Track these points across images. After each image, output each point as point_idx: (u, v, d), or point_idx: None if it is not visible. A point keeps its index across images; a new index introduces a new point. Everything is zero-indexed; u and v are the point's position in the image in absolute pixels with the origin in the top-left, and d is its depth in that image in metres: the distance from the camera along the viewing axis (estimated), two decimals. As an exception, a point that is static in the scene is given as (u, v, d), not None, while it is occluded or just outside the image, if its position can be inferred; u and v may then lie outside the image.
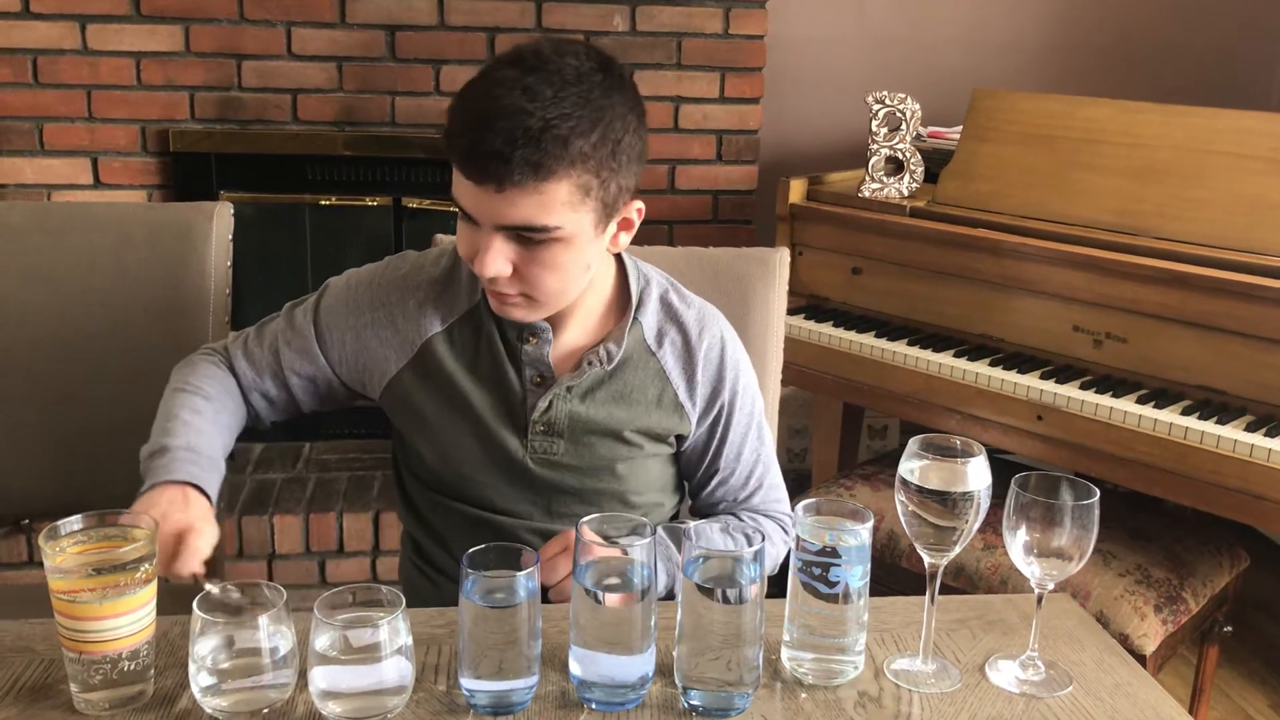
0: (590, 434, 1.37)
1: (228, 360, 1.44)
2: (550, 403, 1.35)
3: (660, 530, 1.27)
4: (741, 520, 1.44)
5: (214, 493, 1.28)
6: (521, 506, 1.39)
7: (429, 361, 1.37)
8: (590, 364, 1.35)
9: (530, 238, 1.20)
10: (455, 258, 1.41)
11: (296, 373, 1.42)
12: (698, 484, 1.48)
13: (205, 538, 1.18)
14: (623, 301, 1.39)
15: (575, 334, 1.37)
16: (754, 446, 1.46)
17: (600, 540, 1.05)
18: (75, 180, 2.70)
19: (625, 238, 1.30)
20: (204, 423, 1.34)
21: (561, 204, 1.18)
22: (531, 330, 1.34)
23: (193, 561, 1.15)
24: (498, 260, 1.20)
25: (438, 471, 1.41)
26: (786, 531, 1.48)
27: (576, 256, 1.24)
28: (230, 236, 1.73)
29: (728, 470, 1.45)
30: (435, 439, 1.39)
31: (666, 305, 1.41)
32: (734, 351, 1.43)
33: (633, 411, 1.37)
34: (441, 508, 1.42)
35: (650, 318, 1.39)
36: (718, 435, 1.43)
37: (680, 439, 1.43)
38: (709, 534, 1.08)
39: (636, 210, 1.29)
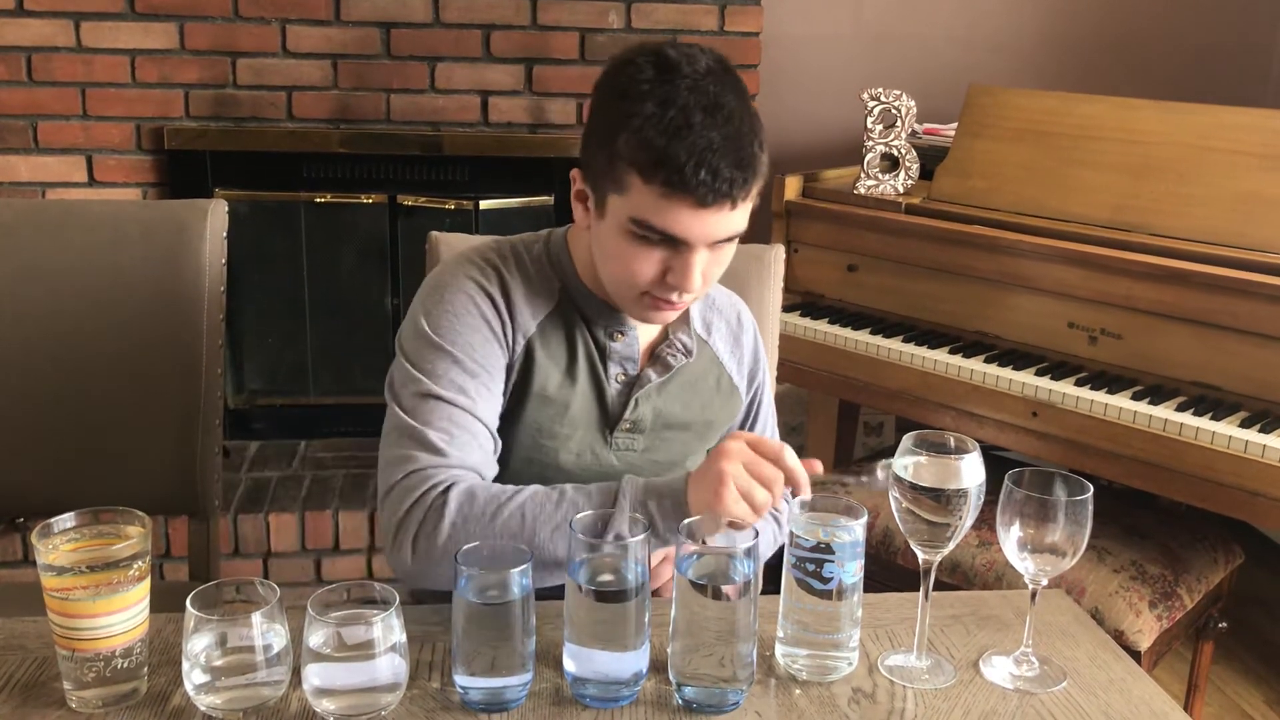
0: (669, 428, 1.38)
1: (467, 470, 1.25)
2: (637, 400, 1.35)
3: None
4: None
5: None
6: None
7: (530, 361, 1.32)
8: (674, 357, 1.36)
9: (723, 244, 1.23)
10: (515, 257, 1.35)
11: (494, 415, 1.30)
12: None
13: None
14: None
15: (646, 329, 1.38)
16: (773, 424, 1.53)
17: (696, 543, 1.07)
18: (70, 178, 2.70)
19: None
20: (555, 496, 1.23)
21: (752, 203, 1.24)
22: (620, 328, 1.34)
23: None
24: (699, 274, 1.23)
25: (506, 472, 1.33)
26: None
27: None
28: (225, 234, 1.73)
29: None
30: (520, 439, 1.33)
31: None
32: (759, 333, 1.51)
33: (702, 401, 1.40)
34: None
35: (695, 306, 1.42)
36: (753, 414, 1.50)
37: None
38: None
39: None
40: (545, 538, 1.18)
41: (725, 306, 1.47)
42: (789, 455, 1.16)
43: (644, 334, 1.38)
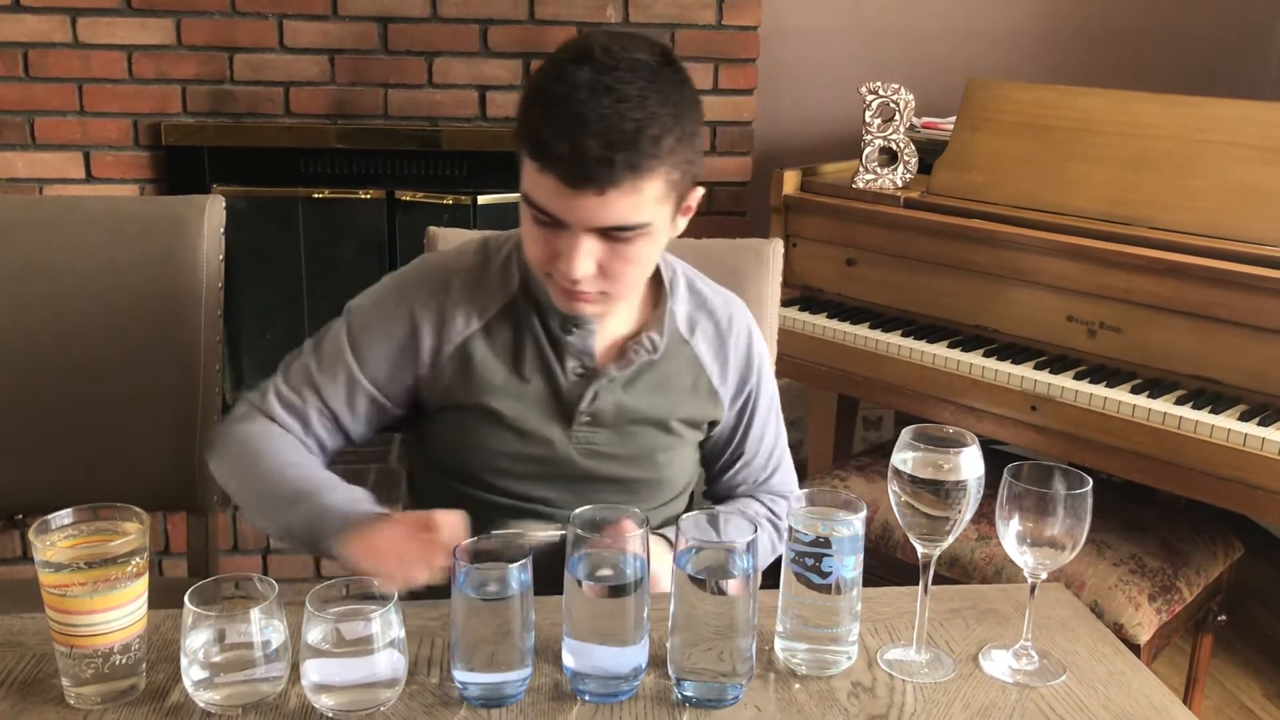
0: (634, 424, 1.37)
1: (270, 419, 1.36)
2: (596, 394, 1.35)
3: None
4: (761, 502, 1.49)
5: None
6: (559, 495, 1.38)
7: (469, 358, 1.34)
8: (636, 353, 1.35)
9: (619, 236, 1.21)
10: (481, 253, 1.39)
11: (343, 400, 1.36)
12: (721, 468, 1.50)
13: (447, 516, 1.15)
14: (654, 290, 1.40)
15: (614, 324, 1.37)
16: (774, 431, 1.51)
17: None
18: (67, 174, 2.69)
19: (684, 222, 1.32)
20: (319, 471, 1.32)
21: (653, 200, 1.20)
22: (575, 321, 1.34)
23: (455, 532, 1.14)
24: (586, 261, 1.21)
25: (471, 465, 1.37)
26: None
27: (655, 248, 1.27)
28: (223, 230, 1.72)
29: (751, 454, 1.48)
30: (475, 433, 1.36)
31: (695, 293, 1.43)
32: (758, 338, 1.47)
33: (673, 399, 1.39)
34: (471, 501, 1.36)
35: (681, 306, 1.41)
36: (745, 421, 1.47)
37: (712, 425, 1.45)
38: (738, 521, 1.09)
39: (697, 196, 1.30)
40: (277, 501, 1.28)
41: (718, 309, 1.43)
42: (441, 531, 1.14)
43: (611, 328, 1.37)
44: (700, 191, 1.30)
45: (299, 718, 1.01)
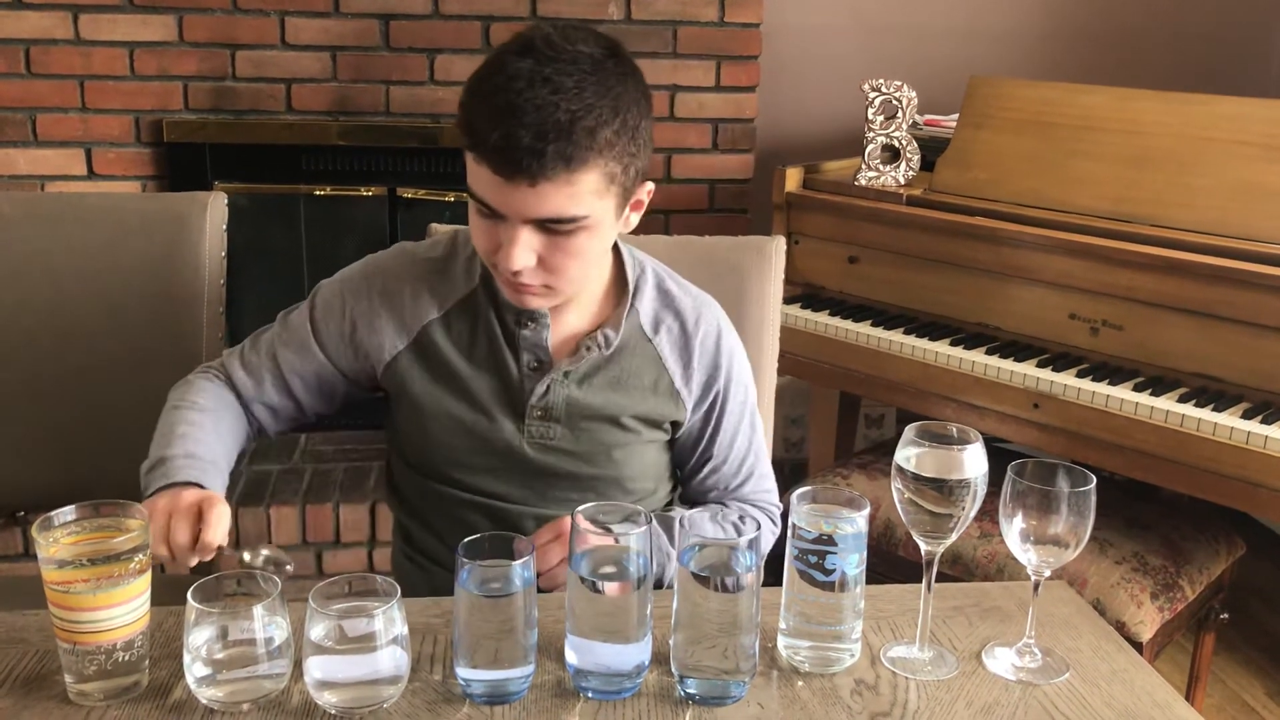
0: (587, 419, 1.37)
1: (225, 375, 1.43)
2: (548, 388, 1.35)
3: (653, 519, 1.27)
4: (730, 510, 1.44)
5: (218, 491, 1.27)
6: (517, 491, 1.39)
7: (427, 347, 1.37)
8: (588, 349, 1.35)
9: (557, 228, 1.20)
10: (450, 245, 1.41)
11: (297, 372, 1.42)
12: (690, 471, 1.48)
13: (220, 508, 1.17)
14: (619, 288, 1.39)
15: (573, 319, 1.37)
16: (746, 436, 1.47)
17: (595, 529, 1.05)
18: (69, 171, 2.69)
19: (635, 218, 1.32)
20: (202, 433, 1.33)
21: (590, 193, 1.19)
22: (530, 315, 1.34)
23: (217, 531, 1.15)
24: (525, 253, 1.21)
25: (432, 458, 1.41)
26: (774, 522, 1.49)
27: (599, 242, 1.26)
28: (225, 227, 1.72)
29: (720, 459, 1.46)
30: (431, 425, 1.38)
31: (663, 293, 1.41)
32: (729, 341, 1.43)
33: (630, 397, 1.38)
34: (434, 494, 1.42)
35: (647, 304, 1.40)
36: (712, 423, 1.44)
37: (675, 425, 1.43)
38: (700, 523, 1.08)
39: (647, 191, 1.30)
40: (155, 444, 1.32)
41: (686, 309, 1.41)
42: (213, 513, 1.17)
43: (568, 324, 1.37)
44: (650, 186, 1.29)
45: (302, 715, 1.01)
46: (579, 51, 1.18)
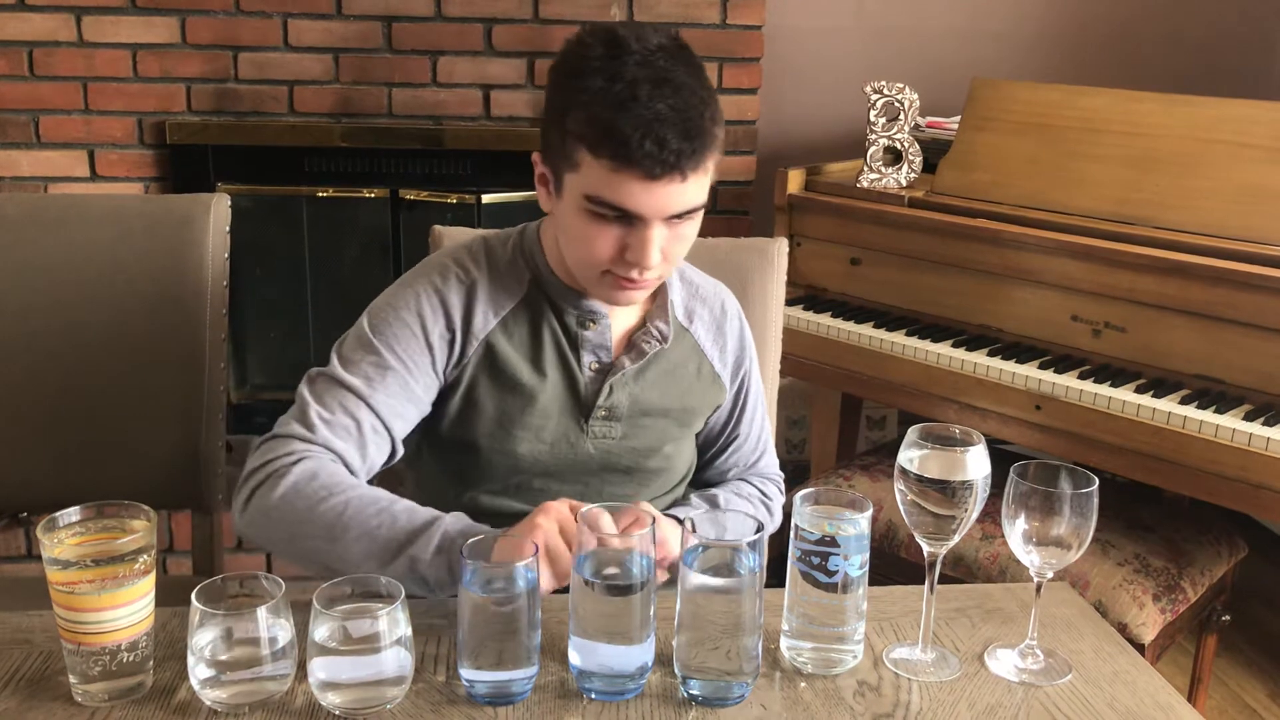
0: (647, 415, 1.38)
1: (325, 449, 1.25)
2: (612, 388, 1.35)
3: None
4: (753, 485, 1.51)
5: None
6: (572, 489, 1.37)
7: (492, 357, 1.33)
8: (648, 344, 1.36)
9: (682, 219, 1.24)
10: (488, 252, 1.37)
11: (398, 411, 1.30)
12: (714, 452, 1.52)
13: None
14: None
15: (623, 317, 1.38)
16: (762, 412, 1.53)
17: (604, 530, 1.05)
18: (72, 172, 2.70)
19: None
20: (391, 496, 1.21)
21: (709, 178, 1.24)
22: (592, 316, 1.35)
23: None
24: (658, 250, 1.23)
25: (491, 465, 1.35)
26: (781, 492, 1.55)
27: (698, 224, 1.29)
28: (227, 228, 1.73)
29: (743, 437, 1.51)
30: (496, 433, 1.34)
31: (688, 282, 1.45)
32: (745, 322, 1.50)
33: (681, 388, 1.40)
34: (476, 508, 1.36)
35: (677, 294, 1.42)
36: (739, 403, 1.49)
37: (715, 410, 1.47)
38: (737, 502, 1.11)
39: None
40: (351, 539, 1.16)
41: (710, 295, 1.46)
42: (606, 522, 1.09)
43: (619, 321, 1.37)
44: None
45: (306, 716, 1.01)
46: (664, 46, 1.21)
